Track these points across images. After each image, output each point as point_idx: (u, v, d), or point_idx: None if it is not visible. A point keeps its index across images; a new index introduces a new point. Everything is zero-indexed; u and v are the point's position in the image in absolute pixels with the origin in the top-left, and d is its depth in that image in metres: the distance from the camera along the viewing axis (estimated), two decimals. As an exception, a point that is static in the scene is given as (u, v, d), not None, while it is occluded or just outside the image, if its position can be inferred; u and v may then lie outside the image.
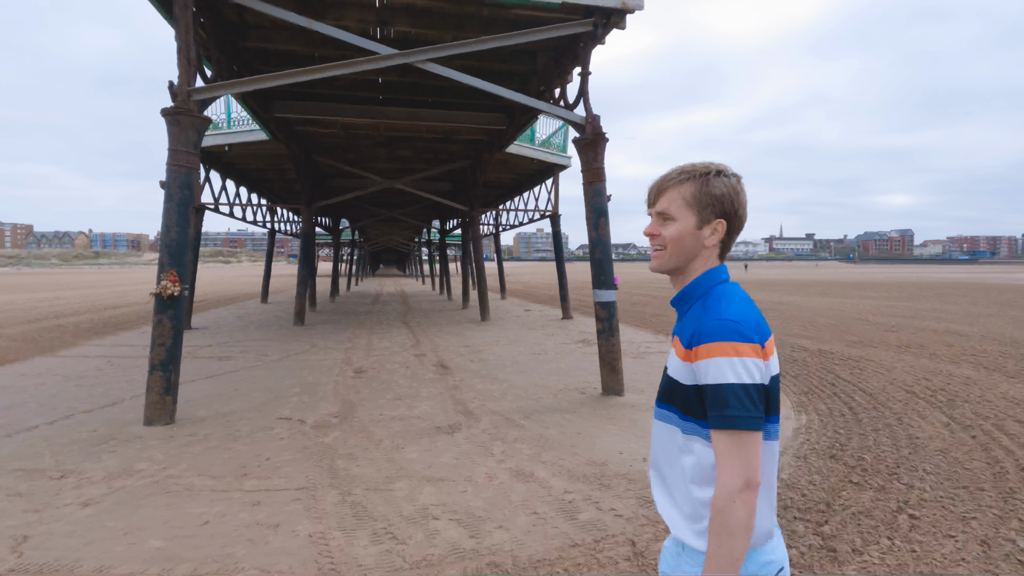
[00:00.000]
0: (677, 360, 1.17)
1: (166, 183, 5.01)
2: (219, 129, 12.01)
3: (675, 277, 1.26)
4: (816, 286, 30.39)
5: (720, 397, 1.07)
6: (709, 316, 1.13)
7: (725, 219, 1.20)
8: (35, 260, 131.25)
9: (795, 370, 7.43)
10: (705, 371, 1.09)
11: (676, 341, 1.21)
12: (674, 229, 1.21)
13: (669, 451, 1.21)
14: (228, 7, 6.17)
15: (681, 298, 1.24)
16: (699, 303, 1.19)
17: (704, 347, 1.10)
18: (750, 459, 1.06)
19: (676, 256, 1.23)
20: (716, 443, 1.08)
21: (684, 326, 1.19)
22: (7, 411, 5.56)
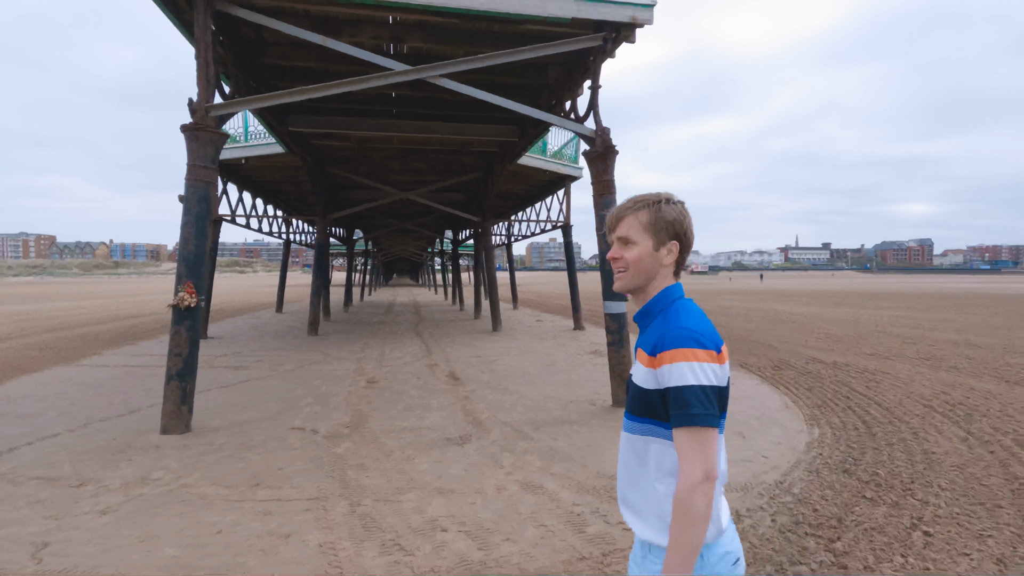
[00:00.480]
0: (641, 369, 1.28)
1: (184, 197, 5.14)
2: (236, 142, 12.26)
3: (637, 295, 1.38)
4: (832, 296, 30.00)
5: (682, 398, 1.18)
6: (670, 326, 1.25)
7: (677, 240, 1.34)
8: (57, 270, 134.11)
9: (808, 383, 7.34)
10: (668, 375, 1.20)
11: (640, 352, 1.31)
12: (635, 252, 1.34)
13: (637, 457, 1.30)
14: (246, 26, 6.34)
15: (643, 313, 1.37)
16: (660, 316, 1.31)
17: (667, 353, 1.21)
18: (709, 453, 1.18)
19: (637, 276, 1.35)
20: (678, 440, 1.19)
21: (647, 338, 1.30)
22: (29, 419, 5.69)
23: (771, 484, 3.90)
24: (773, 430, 5.25)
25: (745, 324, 15.28)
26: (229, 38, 6.40)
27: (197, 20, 5.21)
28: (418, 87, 8.13)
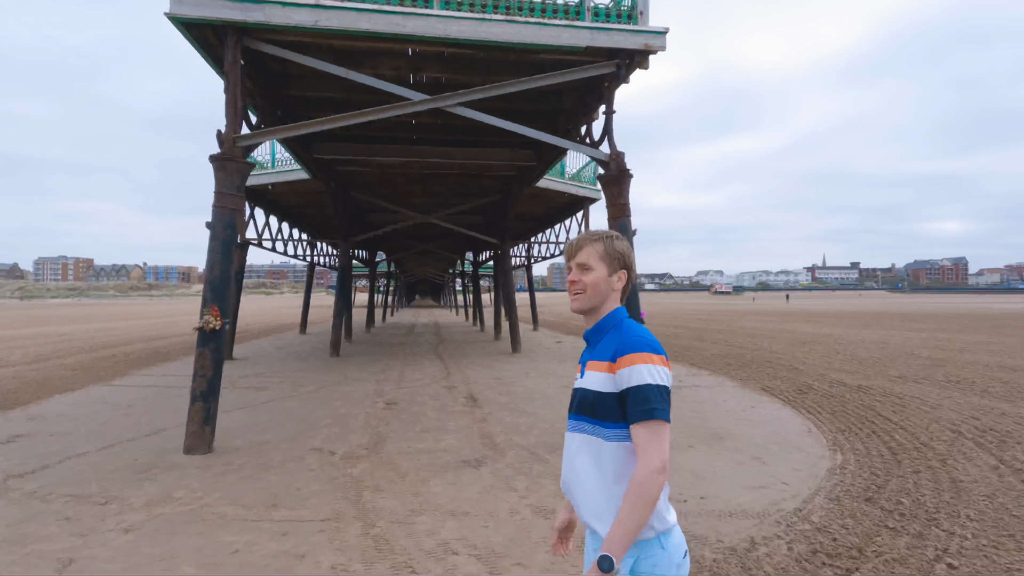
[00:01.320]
0: (598, 375, 1.43)
1: (211, 223, 5.35)
2: (264, 169, 12.69)
3: (590, 316, 1.55)
4: (860, 317, 29.28)
5: (642, 395, 1.34)
6: (627, 335, 1.43)
7: (626, 270, 1.54)
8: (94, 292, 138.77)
9: (832, 406, 7.18)
10: (628, 376, 1.36)
11: (593, 364, 1.46)
12: (592, 276, 1.52)
13: (590, 458, 1.43)
14: (273, 60, 6.64)
15: (596, 330, 1.53)
16: (612, 332, 1.48)
17: (627, 357, 1.38)
18: (664, 446, 1.33)
19: (593, 298, 1.52)
20: (638, 434, 1.34)
21: (601, 351, 1.46)
22: (62, 438, 5.89)
23: (789, 512, 3.82)
24: (793, 455, 5.14)
25: (769, 346, 15.01)
26: (256, 71, 6.70)
27: (227, 56, 5.49)
28: (437, 114, 8.33)
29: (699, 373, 10.42)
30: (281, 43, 5.82)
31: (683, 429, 6.11)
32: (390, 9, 5.59)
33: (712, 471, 4.71)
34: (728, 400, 7.81)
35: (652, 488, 1.29)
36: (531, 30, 5.83)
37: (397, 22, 5.60)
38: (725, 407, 7.34)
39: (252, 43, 5.65)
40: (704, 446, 5.48)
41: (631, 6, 6.19)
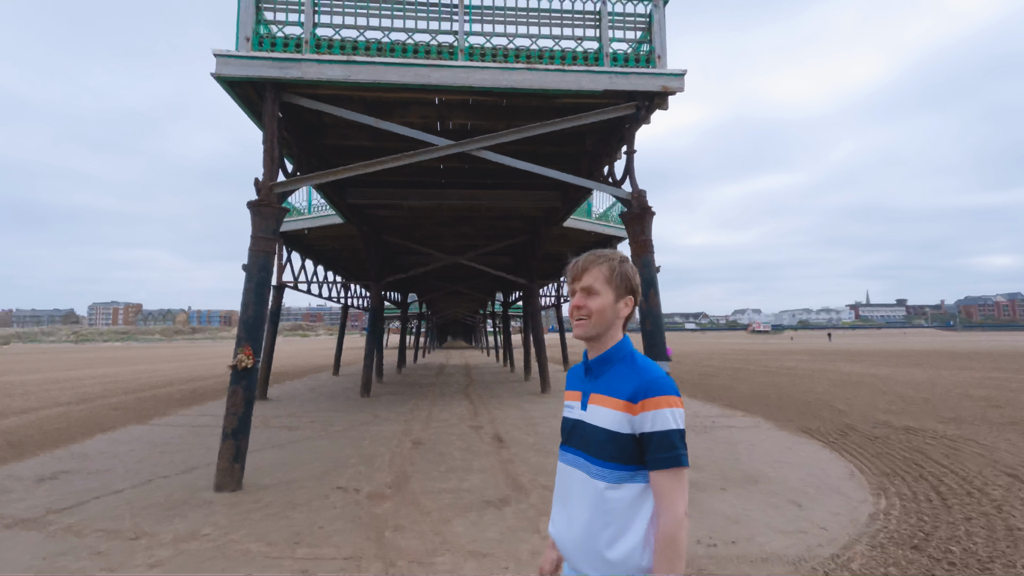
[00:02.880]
0: (610, 413, 1.34)
1: (247, 265, 5.60)
2: (300, 214, 13.24)
3: (593, 343, 1.45)
4: (909, 356, 27.94)
5: (668, 441, 1.28)
6: (649, 375, 1.33)
7: (632, 296, 1.44)
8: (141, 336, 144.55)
9: (875, 449, 6.82)
10: (652, 420, 1.29)
11: (600, 398, 1.38)
12: (598, 302, 1.43)
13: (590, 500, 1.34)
14: (309, 112, 7.05)
15: (602, 361, 1.43)
16: (623, 365, 1.39)
17: (652, 400, 1.30)
18: (686, 490, 1.28)
19: (599, 325, 1.42)
20: (662, 480, 1.28)
21: (611, 385, 1.37)
22: (101, 475, 6.08)
23: (827, 558, 3.62)
24: (833, 499, 4.89)
25: (809, 386, 14.44)
26: (293, 123, 7.12)
27: (265, 110, 5.87)
28: (464, 159, 8.65)
29: (733, 414, 10.08)
30: (316, 96, 6.19)
31: (714, 470, 5.90)
32: (417, 62, 5.91)
33: (745, 514, 4.52)
34: (764, 441, 7.51)
35: (683, 537, 1.25)
36: (551, 76, 6.05)
37: (423, 73, 5.91)
38: (760, 448, 7.06)
39: (289, 97, 6.04)
40: (737, 488, 5.27)
41: (649, 51, 6.38)
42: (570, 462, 1.43)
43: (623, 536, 1.30)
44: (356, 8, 6.04)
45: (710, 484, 5.39)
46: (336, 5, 6.01)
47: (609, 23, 6.36)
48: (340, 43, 6.00)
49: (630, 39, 6.48)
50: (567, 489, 1.41)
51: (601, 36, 6.34)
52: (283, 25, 6.00)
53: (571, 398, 1.51)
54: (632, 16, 6.42)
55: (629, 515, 1.31)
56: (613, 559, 1.30)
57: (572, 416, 1.47)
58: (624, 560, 1.29)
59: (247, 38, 5.73)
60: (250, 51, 5.71)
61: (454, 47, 6.11)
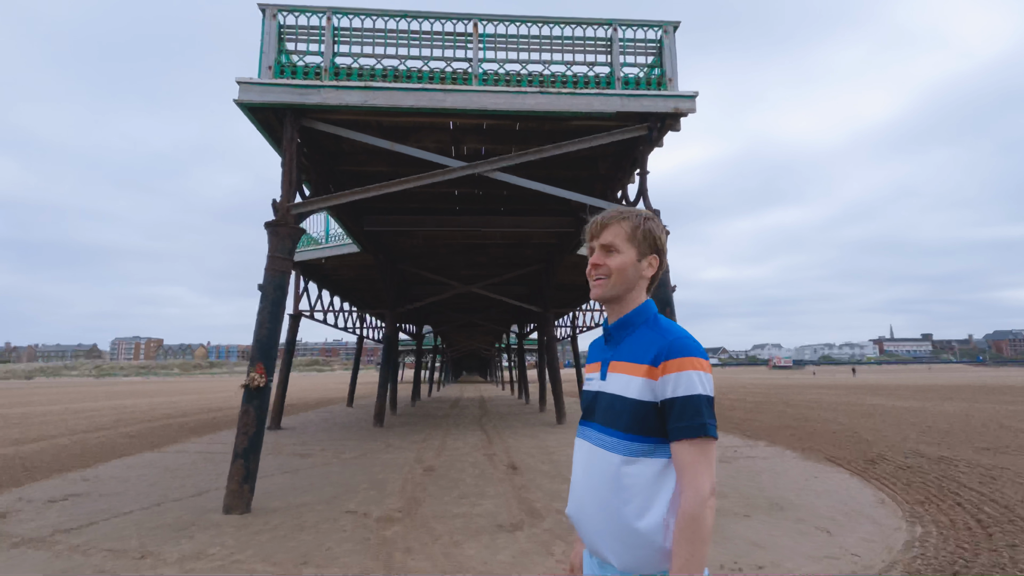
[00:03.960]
0: (631, 380, 1.22)
1: (263, 285, 5.64)
2: (318, 244, 13.45)
3: (612, 305, 1.33)
4: (938, 390, 27.01)
5: (693, 407, 1.15)
6: (672, 335, 1.21)
7: (657, 255, 1.31)
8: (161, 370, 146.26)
9: (907, 477, 6.51)
10: (675, 384, 1.17)
11: (620, 365, 1.26)
12: (619, 260, 1.30)
13: (608, 476, 1.22)
14: (327, 138, 7.23)
15: (621, 325, 1.32)
16: (644, 328, 1.28)
17: (675, 361, 1.17)
18: (713, 466, 1.15)
19: (619, 285, 1.31)
20: (685, 453, 1.15)
21: (631, 351, 1.26)
22: (111, 497, 6.03)
23: (860, 584, 3.40)
24: (864, 526, 4.64)
25: (834, 417, 13.97)
26: (312, 149, 7.29)
27: (285, 135, 6.03)
28: (478, 184, 8.75)
29: (755, 444, 9.75)
30: (334, 121, 6.36)
31: (737, 498, 5.66)
32: (432, 87, 6.06)
33: (771, 540, 4.29)
34: (788, 470, 7.22)
35: (708, 517, 1.11)
36: (564, 99, 6.16)
37: (438, 98, 6.05)
38: (785, 476, 6.78)
39: (308, 122, 6.20)
40: (762, 515, 5.03)
41: (660, 75, 6.48)
42: (587, 436, 1.32)
43: (644, 514, 1.18)
44: (374, 38, 6.25)
45: (733, 511, 5.16)
46: (355, 35, 6.23)
47: (620, 49, 6.49)
48: (358, 71, 6.19)
49: (641, 64, 6.59)
50: (584, 465, 1.30)
51: (612, 61, 6.46)
52: (303, 55, 6.22)
53: (591, 370, 1.40)
54: (643, 42, 6.54)
55: (649, 493, 1.18)
56: (632, 539, 1.18)
57: (592, 388, 1.36)
58: (646, 540, 1.17)
59: (269, 67, 5.94)
60: (271, 78, 5.91)
61: (468, 73, 6.26)
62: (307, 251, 13.54)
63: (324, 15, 6.16)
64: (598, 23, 6.46)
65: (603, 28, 6.49)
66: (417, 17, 6.25)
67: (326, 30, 6.16)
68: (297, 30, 6.20)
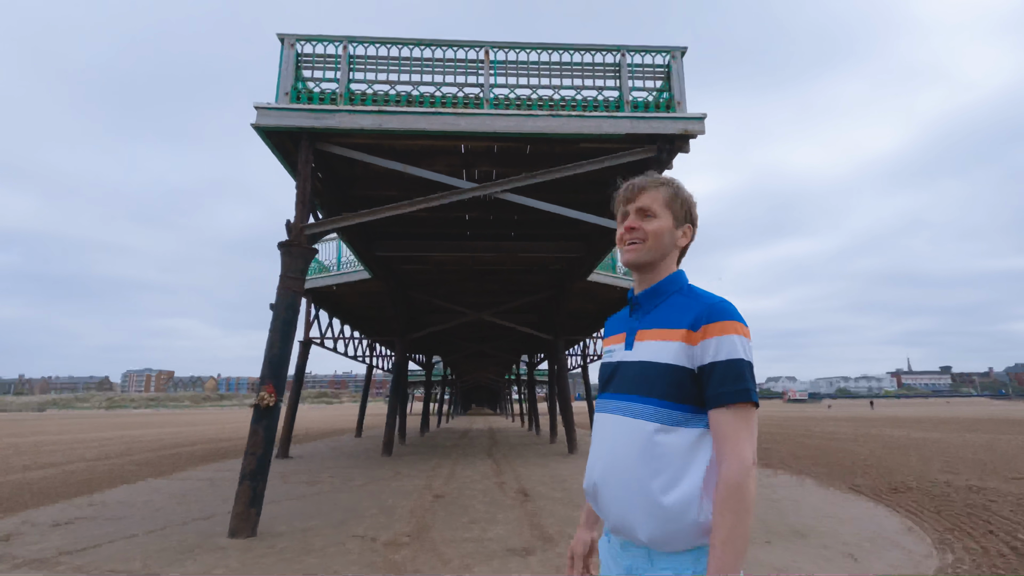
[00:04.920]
0: (667, 345, 1.17)
1: (275, 304, 5.66)
2: (329, 272, 13.55)
3: (644, 272, 1.29)
4: (960, 422, 26.27)
5: (736, 371, 1.10)
6: (712, 299, 1.18)
7: (691, 226, 1.31)
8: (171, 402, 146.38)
9: (935, 505, 6.26)
10: (717, 348, 1.12)
11: (649, 332, 1.22)
12: (656, 224, 1.27)
13: (641, 448, 1.15)
14: (340, 162, 7.36)
15: (652, 293, 1.28)
16: (678, 296, 1.24)
17: (716, 325, 1.13)
18: (755, 434, 1.10)
19: (654, 250, 1.27)
20: (726, 420, 1.10)
21: (664, 317, 1.22)
22: (115, 521, 5.95)
23: (892, 609, 3.22)
24: (892, 553, 4.43)
25: (854, 448, 13.58)
26: (325, 174, 7.42)
27: (300, 157, 6.15)
28: (488, 209, 8.83)
29: (774, 472, 9.46)
30: (348, 145, 6.48)
31: (757, 524, 5.45)
32: (444, 111, 6.18)
33: (795, 566, 4.11)
34: (809, 498, 6.97)
35: (752, 487, 1.05)
36: (573, 122, 6.25)
37: (450, 121, 6.16)
38: (806, 504, 6.55)
39: (323, 146, 6.33)
40: (784, 542, 4.84)
41: (668, 98, 6.57)
42: (611, 408, 1.24)
43: (677, 485, 1.11)
44: (388, 65, 6.43)
45: (752, 537, 4.96)
46: (369, 62, 6.41)
47: (629, 74, 6.60)
48: (372, 96, 6.34)
49: (650, 87, 6.70)
50: (607, 438, 1.23)
51: (621, 85, 6.57)
52: (320, 81, 6.40)
53: (612, 343, 1.34)
54: (651, 67, 6.66)
55: (683, 465, 1.12)
56: (665, 512, 1.11)
57: (612, 360, 1.30)
58: (679, 513, 1.10)
59: (286, 92, 6.11)
60: (288, 104, 6.06)
61: (480, 98, 6.40)
62: (318, 278, 13.64)
63: (340, 44, 6.36)
64: (607, 49, 6.61)
65: (612, 54, 6.63)
66: (430, 45, 6.43)
67: (342, 58, 6.34)
68: (314, 58, 6.40)
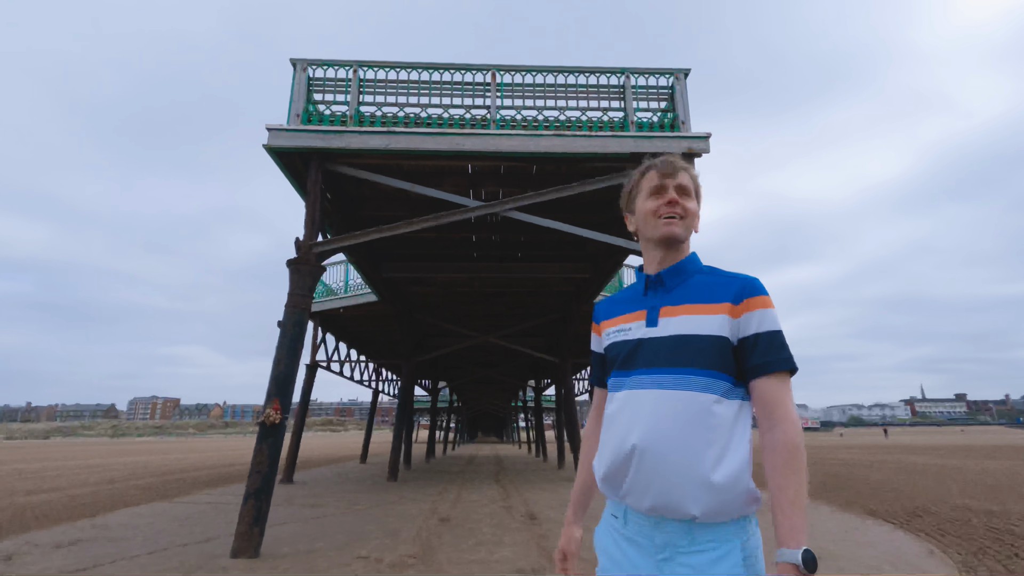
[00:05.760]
0: (707, 318, 1.20)
1: (283, 321, 5.68)
2: (337, 295, 13.61)
3: (671, 250, 1.30)
4: (978, 450, 25.65)
5: (779, 341, 1.17)
6: (746, 276, 1.24)
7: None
8: (176, 430, 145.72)
9: (956, 530, 6.06)
10: (761, 320, 1.18)
11: (679, 308, 1.23)
12: (692, 205, 1.31)
13: (693, 419, 1.16)
14: (349, 183, 7.47)
15: (676, 271, 1.29)
16: (703, 275, 1.28)
17: (758, 299, 1.19)
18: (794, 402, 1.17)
19: (689, 229, 1.31)
20: (774, 385, 1.15)
21: (693, 293, 1.24)
22: (117, 542, 5.86)
23: (917, 630, 3.09)
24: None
25: (869, 474, 13.26)
26: (334, 195, 7.52)
27: (310, 177, 6.25)
28: (495, 230, 8.89)
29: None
30: (357, 165, 6.58)
31: (770, 547, 5.28)
32: (452, 131, 6.29)
33: (812, 588, 3.97)
34: (825, 522, 6.78)
35: (804, 449, 1.10)
36: (579, 142, 6.33)
37: (458, 141, 6.26)
38: (822, 528, 6.36)
39: (332, 166, 6.43)
40: (800, 564, 4.68)
41: (673, 118, 6.65)
42: (644, 384, 1.21)
43: (727, 456, 1.13)
44: (397, 88, 6.57)
45: (767, 560, 4.81)
46: (379, 85, 6.56)
47: (633, 95, 6.71)
48: (381, 118, 6.47)
49: (654, 108, 6.79)
50: (644, 413, 1.19)
51: (626, 107, 6.67)
52: (330, 104, 6.54)
53: (624, 321, 1.31)
54: (655, 88, 6.77)
55: (731, 435, 1.15)
56: (719, 482, 1.11)
57: (631, 337, 1.27)
58: (731, 483, 1.11)
59: (297, 114, 6.24)
60: (299, 125, 6.19)
61: (487, 119, 6.51)
62: (326, 301, 13.70)
63: (351, 68, 6.52)
64: (611, 71, 6.73)
65: (616, 76, 6.75)
66: (438, 68, 6.58)
67: (352, 81, 6.50)
68: (325, 82, 6.55)
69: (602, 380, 1.41)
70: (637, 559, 1.20)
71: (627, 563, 1.21)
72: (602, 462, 1.28)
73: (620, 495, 1.24)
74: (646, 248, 1.34)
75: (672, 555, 1.14)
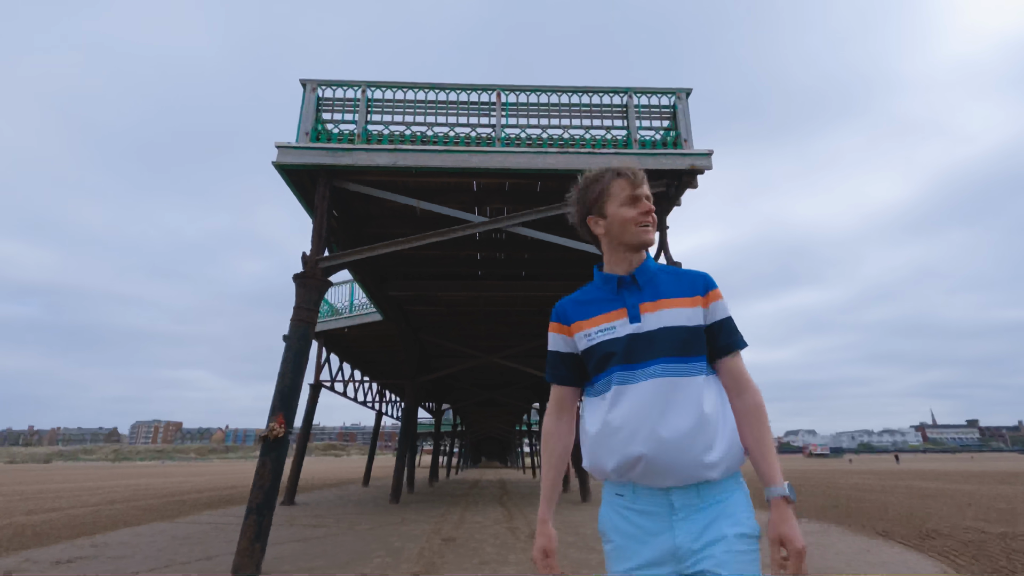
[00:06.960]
0: (683, 311, 1.36)
1: (288, 335, 5.70)
2: (341, 314, 13.65)
3: (635, 255, 1.44)
4: (992, 476, 25.12)
5: (734, 325, 1.41)
6: (701, 272, 1.43)
7: None
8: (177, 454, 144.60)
9: (971, 552, 5.92)
10: (724, 308, 1.41)
11: (656, 304, 1.37)
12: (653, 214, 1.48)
13: (696, 398, 1.31)
14: (356, 200, 7.56)
15: (643, 270, 1.43)
16: (664, 273, 1.43)
17: (716, 291, 1.41)
18: None
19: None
20: (739, 360, 1.39)
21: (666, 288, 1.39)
22: (117, 560, 5.80)
23: (932, 647, 3.01)
24: (928, 594, 4.18)
25: (881, 498, 12.99)
26: (341, 213, 7.61)
27: (317, 193, 6.34)
28: (500, 248, 8.94)
29: (798, 520, 9.04)
30: (364, 182, 6.69)
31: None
32: (457, 149, 6.40)
33: (824, 606, 3.88)
34: (836, 543, 6.64)
35: (765, 406, 1.37)
36: (583, 158, 6.41)
37: (463, 158, 6.36)
38: (833, 549, 6.23)
39: (340, 183, 6.53)
40: (811, 583, 4.58)
41: (675, 136, 6.75)
42: (645, 375, 1.31)
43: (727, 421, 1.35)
44: (404, 107, 6.71)
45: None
46: (387, 105, 6.70)
47: (636, 114, 6.82)
48: (388, 136, 6.59)
49: (656, 127, 6.90)
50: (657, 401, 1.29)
51: (629, 125, 6.78)
52: (338, 123, 6.67)
53: (605, 320, 1.39)
54: (657, 107, 6.89)
55: (722, 404, 1.36)
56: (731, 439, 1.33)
57: (620, 334, 1.36)
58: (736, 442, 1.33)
59: (306, 133, 6.37)
60: (308, 143, 6.31)
61: (492, 137, 6.62)
62: (330, 320, 13.73)
63: (359, 88, 6.67)
64: (614, 91, 6.86)
65: (619, 96, 6.87)
66: (444, 89, 6.72)
67: (360, 101, 6.64)
68: (334, 102, 6.70)
69: (566, 378, 1.50)
70: (652, 526, 1.28)
71: (642, 534, 1.29)
72: (612, 456, 1.31)
73: (631, 478, 1.31)
74: (615, 250, 1.44)
75: (688, 514, 1.27)
